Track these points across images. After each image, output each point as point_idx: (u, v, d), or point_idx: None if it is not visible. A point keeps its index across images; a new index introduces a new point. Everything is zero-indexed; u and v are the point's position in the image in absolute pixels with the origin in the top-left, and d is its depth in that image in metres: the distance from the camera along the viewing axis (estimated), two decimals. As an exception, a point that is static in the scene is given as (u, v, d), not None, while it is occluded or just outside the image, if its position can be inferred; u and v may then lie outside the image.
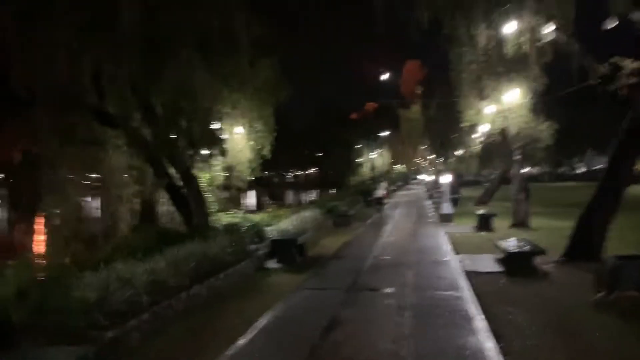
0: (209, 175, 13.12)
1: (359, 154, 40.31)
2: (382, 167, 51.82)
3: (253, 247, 11.46)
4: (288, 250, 11.33)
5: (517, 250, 10.02)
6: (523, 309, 7.25)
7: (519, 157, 17.77)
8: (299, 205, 24.13)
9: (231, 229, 10.88)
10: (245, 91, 13.23)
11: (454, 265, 10.52)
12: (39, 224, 11.35)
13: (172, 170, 11.23)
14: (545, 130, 17.48)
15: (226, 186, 15.83)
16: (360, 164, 40.17)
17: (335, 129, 41.10)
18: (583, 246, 10.33)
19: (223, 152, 12.49)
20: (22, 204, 11.52)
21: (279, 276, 10.15)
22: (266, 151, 16.05)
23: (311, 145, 40.59)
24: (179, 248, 7.83)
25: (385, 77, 51.94)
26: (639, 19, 10.65)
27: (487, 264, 10.83)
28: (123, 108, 9.47)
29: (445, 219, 20.16)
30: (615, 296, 6.76)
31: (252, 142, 15.83)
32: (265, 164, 17.28)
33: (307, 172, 50.62)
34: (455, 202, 29.22)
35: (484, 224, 17.38)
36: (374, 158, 42.98)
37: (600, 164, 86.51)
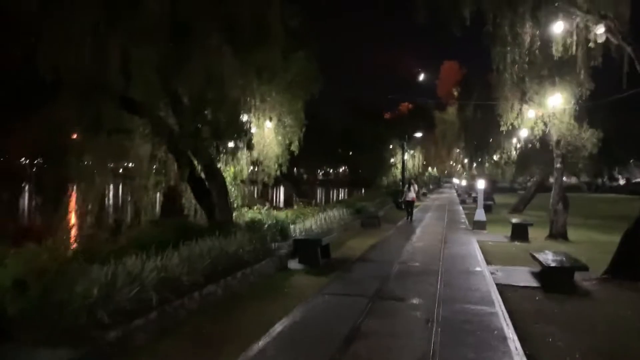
0: (235, 168, 12.77)
1: (392, 154, 39.54)
2: (415, 168, 50.85)
3: (275, 245, 11.09)
4: (311, 250, 10.88)
5: (556, 264, 9.32)
6: (563, 331, 6.62)
7: (559, 165, 16.88)
8: (327, 204, 23.64)
9: (253, 225, 10.52)
10: (276, 83, 12.85)
11: (487, 276, 9.88)
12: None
13: (196, 162, 10.92)
14: (588, 138, 16.53)
15: (252, 181, 15.52)
16: (392, 165, 39.39)
17: (369, 128, 40.50)
18: (629, 264, 9.55)
19: (250, 145, 12.11)
20: (46, 190, 11.40)
21: (301, 278, 9.71)
22: (295, 147, 15.67)
23: (343, 144, 40.09)
24: (195, 244, 7.47)
25: (422, 77, 51.01)
26: None
27: (522, 277, 10.15)
28: (149, 95, 9.17)
29: (478, 226, 19.38)
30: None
31: (280, 137, 15.48)
32: (294, 160, 16.90)
33: (337, 170, 50.10)
34: (488, 208, 28.34)
35: (519, 233, 16.57)
36: (407, 159, 42.07)
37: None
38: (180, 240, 7.67)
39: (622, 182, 78.15)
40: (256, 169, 16.08)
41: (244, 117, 13.41)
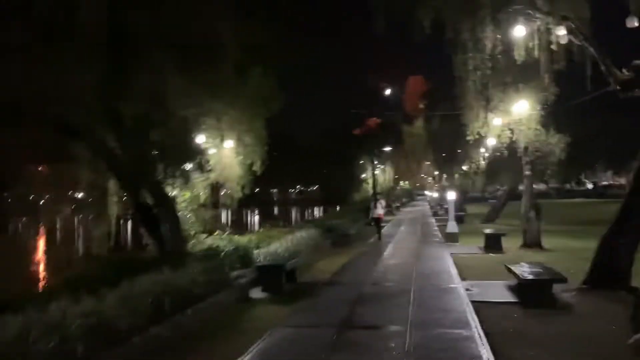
0: (190, 193, 11.98)
1: (362, 170, 39.16)
2: (386, 183, 50.61)
3: (236, 273, 10.31)
4: (275, 277, 10.14)
5: (533, 277, 8.80)
6: (545, 352, 6.05)
7: (528, 172, 16.60)
8: (296, 224, 22.91)
9: (210, 254, 9.72)
10: (231, 101, 12.18)
11: (462, 294, 9.29)
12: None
13: (144, 188, 10.11)
14: (556, 143, 16.31)
15: (214, 204, 14.72)
16: (363, 180, 38.97)
17: (339, 145, 40.09)
18: (607, 272, 9.11)
19: (202, 167, 11.38)
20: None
21: (263, 308, 8.95)
22: (257, 167, 14.96)
23: (314, 162, 39.61)
24: (137, 280, 6.66)
25: (388, 92, 51.10)
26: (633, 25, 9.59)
27: (498, 292, 9.61)
28: (87, 118, 8.38)
29: (451, 238, 18.93)
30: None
31: (241, 157, 14.77)
32: (262, 180, 16.21)
33: (310, 189, 49.54)
34: (460, 219, 28.03)
35: (493, 244, 16.16)
36: (378, 174, 41.79)
37: (607, 180, 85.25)
38: (122, 276, 6.85)
39: (589, 186, 79.75)
40: (216, 192, 15.30)
41: (199, 138, 12.69)
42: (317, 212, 53.59)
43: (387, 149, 40.44)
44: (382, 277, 11.58)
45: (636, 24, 9.21)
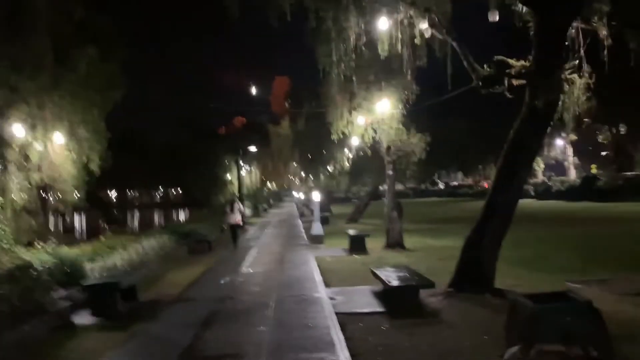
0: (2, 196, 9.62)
1: (227, 170, 37.48)
2: (252, 184, 49.39)
3: (59, 295, 8.37)
4: (108, 298, 8.37)
5: (399, 283, 8.18)
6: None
7: (391, 172, 16.49)
8: (151, 229, 20.67)
9: (18, 273, 7.67)
10: (53, 83, 10.10)
11: (325, 305, 8.38)
12: None
13: None
14: (417, 143, 16.41)
15: (42, 210, 12.30)
16: (227, 182, 37.30)
17: (200, 144, 37.95)
18: (472, 274, 8.82)
19: (18, 165, 9.18)
20: None
21: (87, 338, 7.19)
22: (95, 165, 12.86)
23: (173, 162, 36.96)
24: None
25: (254, 91, 50.06)
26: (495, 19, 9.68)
27: (365, 300, 8.88)
28: None
29: (316, 240, 18.29)
30: (536, 351, 5.03)
31: (75, 154, 12.56)
32: (110, 181, 14.04)
33: (171, 191, 46.49)
34: (325, 220, 27.80)
35: (357, 245, 15.73)
36: (244, 175, 40.38)
37: (457, 181, 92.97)
38: None
39: (441, 186, 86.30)
40: (45, 195, 12.88)
41: (20, 130, 10.37)
42: (181, 216, 50.66)
43: (253, 148, 39.32)
44: (240, 289, 10.31)
45: (497, 18, 9.10)
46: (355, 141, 18.52)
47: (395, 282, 8.20)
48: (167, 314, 8.41)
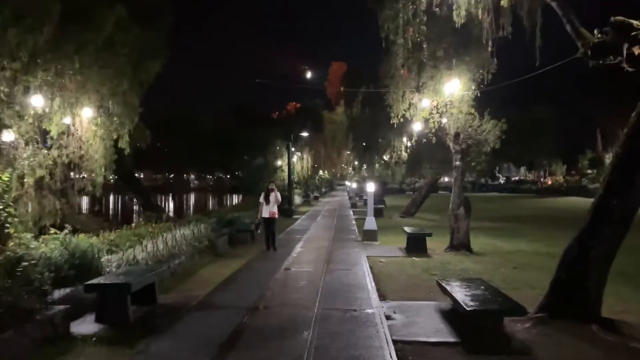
0: (9, 174, 8.36)
1: (277, 156, 36.16)
2: (304, 171, 47.95)
3: (61, 295, 7.02)
4: (116, 300, 6.93)
5: (475, 305, 6.26)
6: None
7: (459, 162, 14.37)
8: (194, 215, 19.49)
9: (17, 266, 6.33)
10: (78, 48, 8.77)
11: (380, 329, 6.57)
12: None
13: None
14: (490, 130, 14.19)
15: (62, 191, 11.13)
16: (277, 168, 35.98)
17: (251, 130, 36.75)
18: (573, 296, 6.77)
19: (37, 140, 7.92)
20: None
21: (78, 355, 5.75)
22: (124, 143, 11.56)
23: (222, 146, 36.01)
24: None
25: (309, 75, 48.36)
26: None
27: (430, 322, 7.01)
28: None
29: (369, 236, 16.46)
30: None
31: (103, 130, 11.30)
32: (151, 163, 12.77)
33: (216, 175, 45.79)
34: (379, 212, 25.94)
35: (416, 245, 13.82)
36: (295, 161, 38.97)
37: (519, 176, 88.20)
38: None
39: (502, 180, 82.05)
40: (73, 174, 11.74)
41: (30, 98, 9.11)
42: (229, 201, 49.93)
43: (305, 134, 37.68)
44: (277, 295, 8.68)
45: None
46: (417, 127, 16.44)
47: (471, 304, 6.29)
48: (185, 326, 6.87)
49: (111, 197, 36.77)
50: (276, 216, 14.20)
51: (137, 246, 9.80)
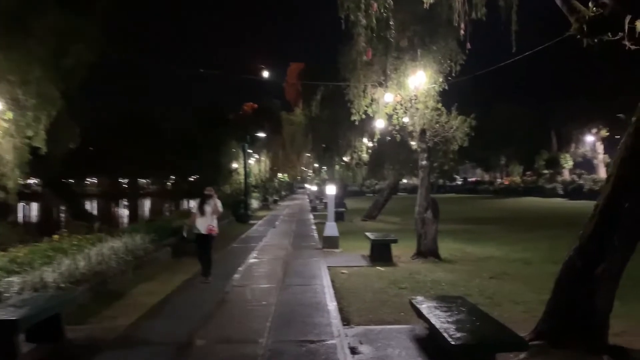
0: None
1: (232, 158, 34.36)
2: (261, 174, 46.21)
3: None
4: (2, 340, 5.30)
5: (465, 340, 4.96)
6: None
7: (425, 162, 13.21)
8: (133, 224, 17.64)
9: None
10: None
11: (346, 368, 5.20)
12: None
13: None
14: (459, 127, 13.10)
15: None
16: (233, 171, 34.16)
17: (205, 130, 34.85)
18: (576, 319, 5.58)
19: None
20: None
21: None
22: (40, 141, 9.82)
23: (174, 148, 33.99)
24: None
25: (266, 75, 46.74)
26: None
27: (405, 356, 5.69)
28: None
29: (330, 243, 15.11)
30: None
31: (15, 126, 9.53)
32: (96, 166, 10.97)
33: (172, 180, 43.66)
34: (340, 216, 24.71)
35: (380, 253, 12.59)
36: (251, 164, 37.26)
37: (475, 176, 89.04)
38: None
39: (459, 181, 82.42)
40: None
41: None
42: (185, 207, 47.48)
43: (262, 134, 36.06)
44: (219, 323, 7.17)
45: None
46: (380, 124, 15.23)
47: (458, 335, 4.99)
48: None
49: (34, 205, 34.05)
50: (215, 232, 10.31)
51: (55, 260, 8.10)
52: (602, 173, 58.21)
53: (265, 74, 46.34)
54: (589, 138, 59.70)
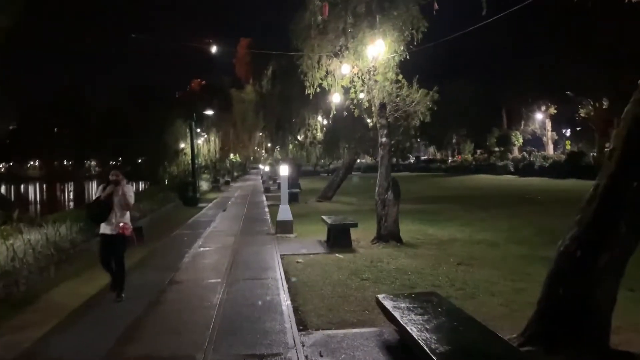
0: None
1: (179, 138, 32.50)
2: (211, 155, 44.31)
3: None
4: None
5: (451, 355, 4.01)
6: None
7: (385, 139, 12.21)
8: (66, 211, 15.96)
9: None
10: None
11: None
12: None
13: None
14: (421, 101, 12.17)
15: None
16: (179, 151, 32.35)
17: (149, 109, 32.72)
18: (574, 320, 4.73)
19: None
20: None
21: None
22: None
23: (114, 128, 31.78)
24: None
25: (214, 50, 44.60)
26: None
27: (375, 370, 4.71)
28: None
29: (283, 228, 13.99)
30: None
31: None
32: (27, 149, 9.19)
33: (118, 163, 41.30)
34: (294, 197, 23.64)
35: (338, 238, 11.60)
36: (200, 144, 35.45)
37: (426, 154, 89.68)
38: None
39: (412, 160, 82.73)
40: None
41: None
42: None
43: (210, 112, 34.15)
44: (147, 335, 5.95)
45: None
46: (336, 98, 14.10)
47: (441, 349, 4.03)
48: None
49: None
50: (128, 232, 7.40)
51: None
52: (551, 150, 59.69)
53: (214, 49, 44.11)
54: (538, 115, 60.89)
